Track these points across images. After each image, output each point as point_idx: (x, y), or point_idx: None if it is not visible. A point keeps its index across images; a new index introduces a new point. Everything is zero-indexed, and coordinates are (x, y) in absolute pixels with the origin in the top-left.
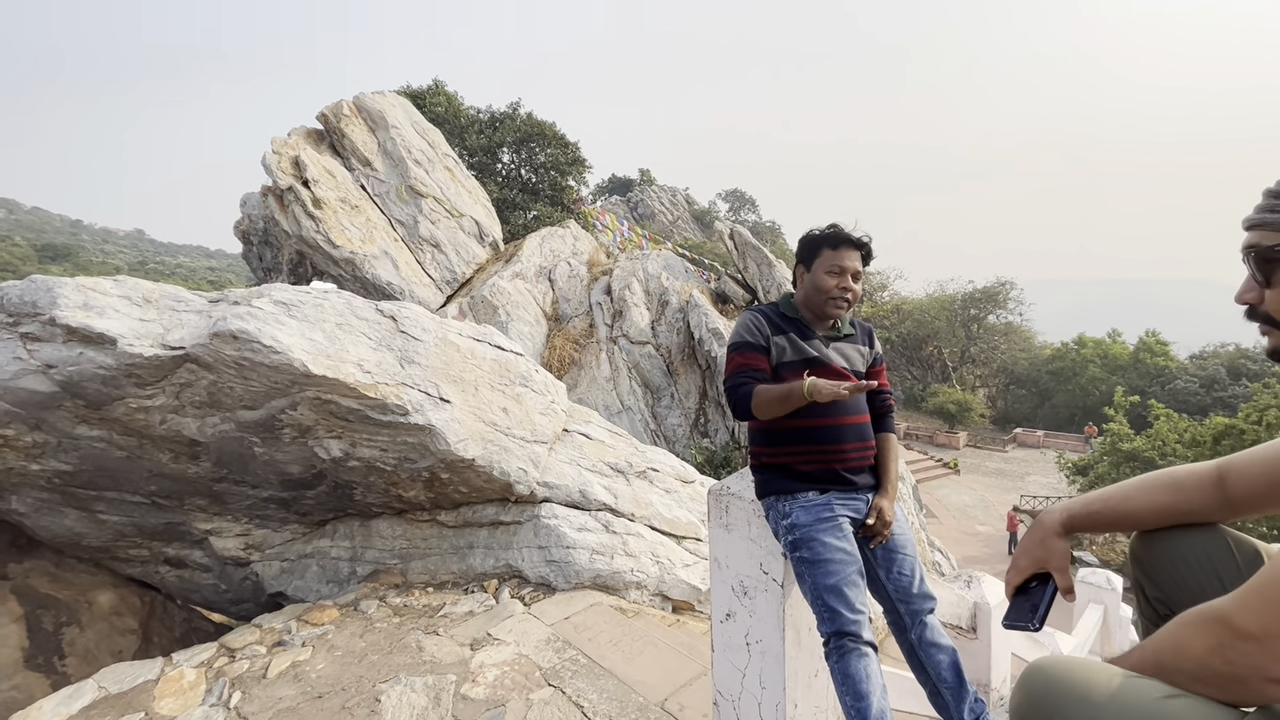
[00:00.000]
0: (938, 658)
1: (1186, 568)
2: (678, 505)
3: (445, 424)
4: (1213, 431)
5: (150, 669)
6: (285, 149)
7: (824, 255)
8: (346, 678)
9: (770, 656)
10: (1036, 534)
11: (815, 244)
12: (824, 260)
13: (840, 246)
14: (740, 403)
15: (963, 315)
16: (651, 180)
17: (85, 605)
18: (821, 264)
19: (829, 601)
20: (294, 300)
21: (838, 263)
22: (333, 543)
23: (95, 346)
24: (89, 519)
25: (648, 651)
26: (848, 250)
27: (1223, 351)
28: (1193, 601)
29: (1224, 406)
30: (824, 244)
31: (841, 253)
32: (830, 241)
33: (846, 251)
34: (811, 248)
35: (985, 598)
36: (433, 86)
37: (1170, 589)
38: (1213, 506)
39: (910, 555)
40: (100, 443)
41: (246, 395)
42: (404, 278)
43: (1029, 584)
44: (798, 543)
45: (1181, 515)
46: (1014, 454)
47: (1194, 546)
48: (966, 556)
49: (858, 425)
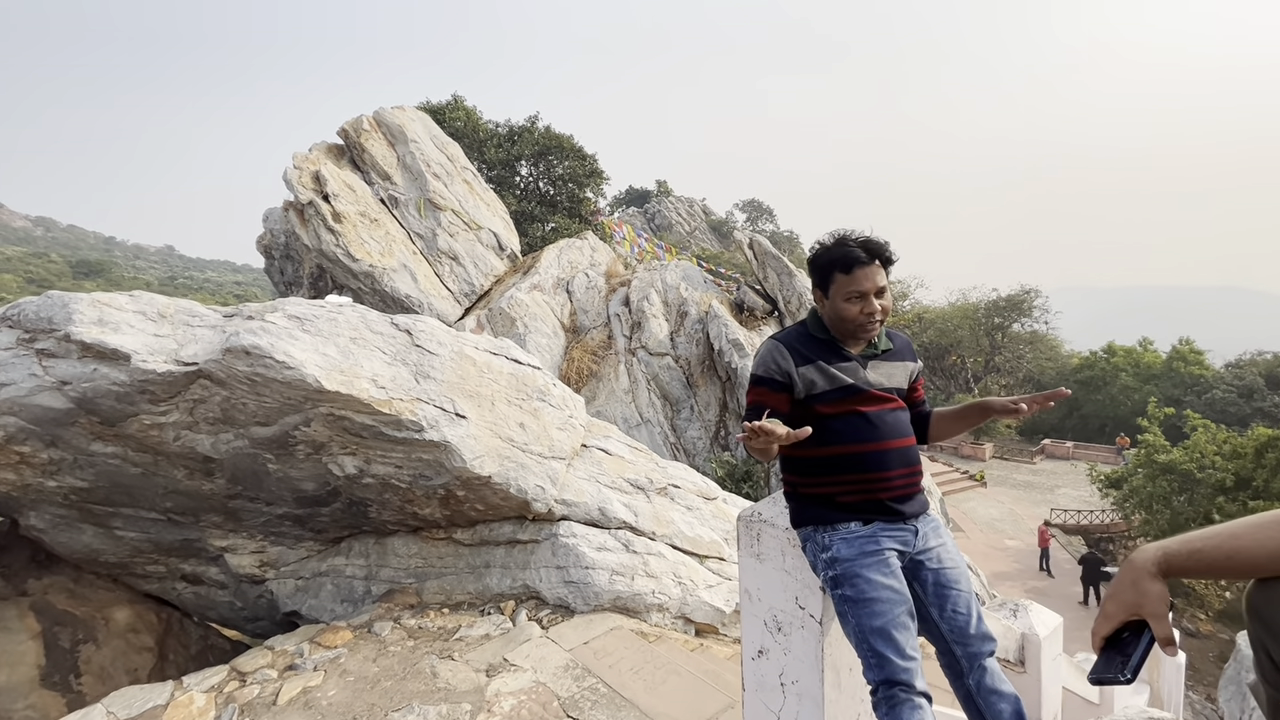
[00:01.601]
0: (999, 706)
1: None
2: (700, 523)
3: (461, 440)
4: (1255, 443)
5: (160, 693)
6: (306, 164)
7: (838, 281)
8: (358, 706)
9: (808, 699)
10: (1128, 576)
11: (826, 269)
12: (839, 287)
13: (854, 268)
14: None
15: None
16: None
17: (102, 622)
18: (838, 292)
19: (876, 646)
20: (308, 314)
21: (855, 288)
22: (347, 561)
23: (109, 363)
24: (106, 535)
25: (671, 680)
26: (862, 270)
27: (1260, 360)
28: None
29: (1264, 417)
30: (835, 268)
31: (856, 275)
32: (842, 265)
33: (861, 271)
34: (823, 273)
35: (1034, 628)
36: (452, 101)
37: None
38: None
39: (965, 591)
40: (115, 459)
41: (260, 411)
42: (422, 290)
43: (1120, 634)
44: (839, 579)
45: None
46: (1042, 465)
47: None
48: (996, 573)
49: (903, 450)
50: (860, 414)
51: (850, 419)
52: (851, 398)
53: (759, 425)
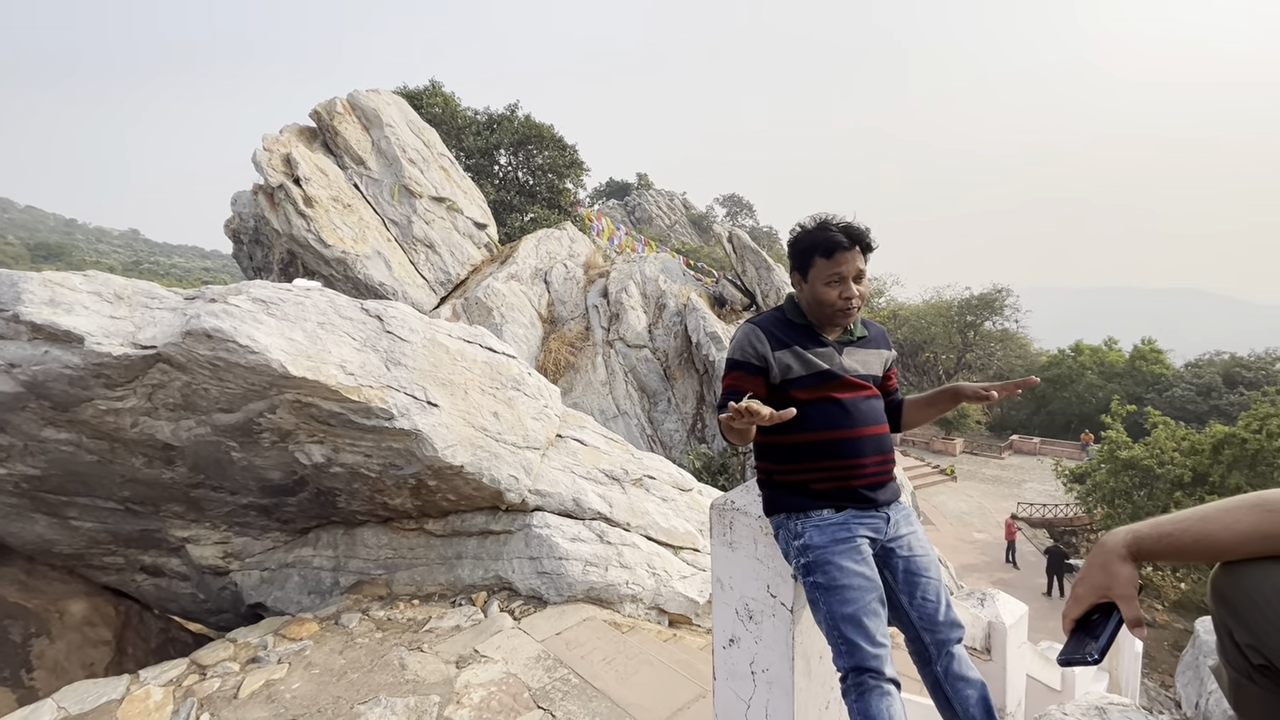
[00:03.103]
0: (965, 692)
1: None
2: (675, 514)
3: (432, 429)
4: (1212, 440)
5: (115, 687)
6: (276, 146)
7: (818, 265)
8: (323, 698)
9: (778, 687)
10: (1098, 559)
11: (807, 252)
12: (820, 270)
13: (835, 252)
14: (720, 427)
15: (959, 322)
16: (649, 184)
17: (56, 615)
18: (818, 275)
19: (847, 633)
20: (273, 298)
21: (835, 270)
22: (315, 552)
23: (62, 345)
24: (60, 525)
25: (643, 670)
26: (843, 254)
27: (1218, 360)
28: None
29: (1221, 414)
30: (816, 252)
31: (837, 259)
32: (823, 249)
33: (842, 256)
34: (803, 256)
35: (1000, 617)
36: (429, 87)
37: (1268, 635)
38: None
39: (935, 579)
40: (69, 446)
41: (223, 397)
42: (397, 278)
43: (1090, 616)
44: (811, 566)
45: (1275, 543)
46: (1010, 461)
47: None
48: (964, 564)
49: (877, 437)
50: (835, 400)
51: (825, 405)
52: (827, 384)
53: (744, 406)
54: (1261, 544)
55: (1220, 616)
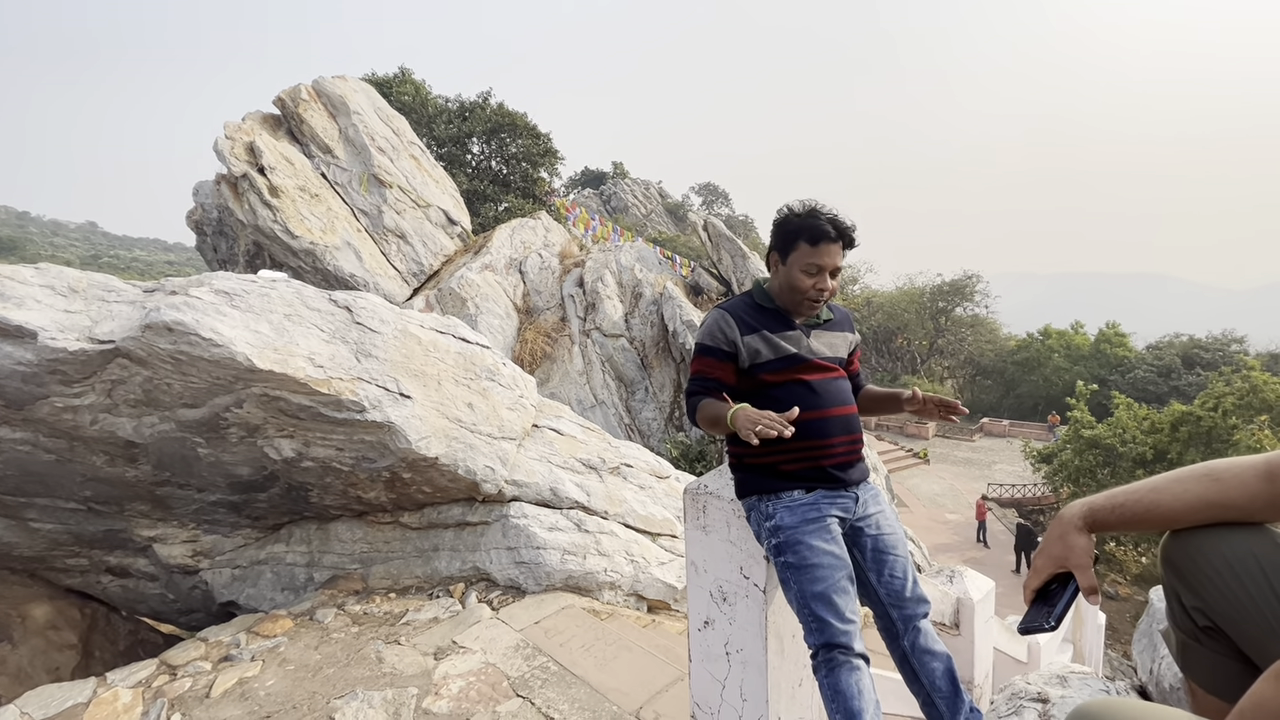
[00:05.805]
0: (932, 665)
1: (1231, 573)
2: (652, 501)
3: (406, 421)
4: (1170, 419)
5: (81, 691)
6: (239, 134)
7: (801, 250)
8: (298, 694)
9: (752, 666)
10: (1056, 531)
11: (792, 235)
12: (800, 256)
13: (820, 242)
14: (690, 413)
15: (931, 308)
16: (624, 173)
17: (18, 620)
18: (798, 260)
19: (817, 610)
20: (237, 289)
21: (815, 261)
22: (288, 548)
23: (13, 341)
24: (19, 527)
25: (622, 656)
26: (827, 245)
27: (1177, 342)
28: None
29: (1180, 394)
30: (801, 237)
31: (821, 249)
32: (809, 236)
33: (826, 247)
34: (788, 239)
35: (968, 592)
36: (399, 75)
37: (1212, 597)
38: (1260, 504)
39: (902, 556)
40: (25, 445)
41: (186, 392)
42: (368, 270)
43: (1049, 586)
44: (782, 546)
45: (1220, 510)
46: (981, 443)
47: (1238, 548)
48: (937, 544)
49: (845, 418)
50: (803, 382)
51: (793, 387)
52: (795, 367)
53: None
54: (1207, 512)
55: (1169, 581)
